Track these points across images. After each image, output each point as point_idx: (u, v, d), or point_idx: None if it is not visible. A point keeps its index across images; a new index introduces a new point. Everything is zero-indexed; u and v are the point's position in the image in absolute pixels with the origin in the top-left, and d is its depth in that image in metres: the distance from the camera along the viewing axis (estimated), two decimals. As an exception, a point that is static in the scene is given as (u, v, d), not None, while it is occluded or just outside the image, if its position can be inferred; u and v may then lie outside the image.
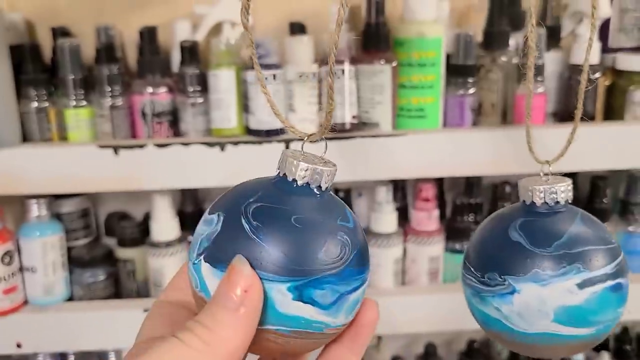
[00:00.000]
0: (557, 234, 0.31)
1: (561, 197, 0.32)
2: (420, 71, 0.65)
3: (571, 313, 0.30)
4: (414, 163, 0.65)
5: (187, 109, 0.65)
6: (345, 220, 0.26)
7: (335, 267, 0.25)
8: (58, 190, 0.63)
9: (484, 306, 0.32)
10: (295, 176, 0.26)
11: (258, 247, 0.24)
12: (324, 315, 0.25)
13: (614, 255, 0.31)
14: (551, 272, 0.30)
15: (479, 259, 0.33)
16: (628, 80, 0.68)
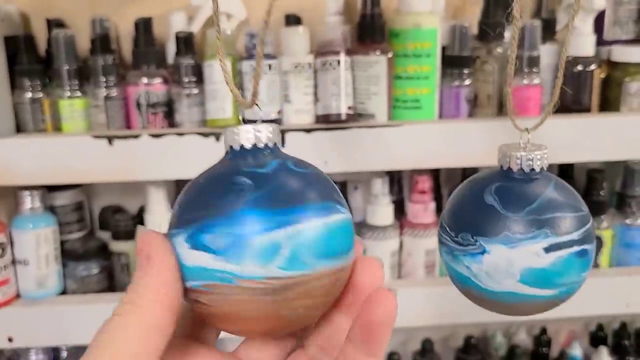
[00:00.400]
0: (529, 200, 0.32)
1: (537, 164, 0.33)
2: (415, 62, 0.65)
3: (536, 275, 0.31)
4: (410, 154, 0.65)
5: (182, 99, 0.65)
6: (260, 167, 0.25)
7: (225, 209, 0.23)
8: (52, 181, 0.63)
9: (456, 264, 0.33)
10: (230, 144, 0.26)
11: (173, 211, 0.25)
12: (224, 262, 0.23)
13: (583, 222, 0.32)
14: (520, 236, 0.31)
15: (454, 219, 0.34)
16: (623, 72, 0.69)
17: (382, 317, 0.24)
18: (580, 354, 0.82)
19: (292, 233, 0.23)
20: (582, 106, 0.69)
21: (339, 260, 0.24)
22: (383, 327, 0.24)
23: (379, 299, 0.24)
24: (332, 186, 0.26)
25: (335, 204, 0.25)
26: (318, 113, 0.65)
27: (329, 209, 0.24)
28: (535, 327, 0.85)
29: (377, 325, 0.24)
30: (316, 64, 0.65)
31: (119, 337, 0.22)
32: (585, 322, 0.87)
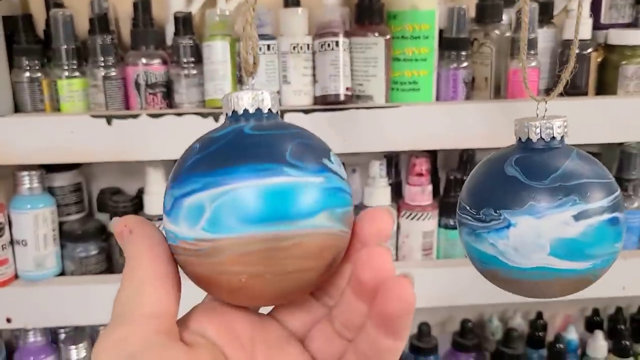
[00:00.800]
0: (553, 168, 0.31)
1: (557, 132, 0.32)
2: (413, 44, 0.65)
3: (567, 245, 0.29)
4: (407, 135, 0.65)
5: (181, 80, 0.65)
6: (216, 131, 0.25)
7: (176, 172, 0.24)
8: (50, 160, 0.63)
9: (480, 243, 0.32)
10: (236, 107, 0.26)
11: None
12: (169, 222, 0.24)
13: (611, 189, 0.31)
14: (547, 205, 0.30)
15: (475, 196, 0.32)
16: (620, 55, 0.69)
17: (398, 308, 0.22)
18: (576, 338, 0.82)
19: (216, 195, 0.22)
20: (578, 89, 0.70)
21: (277, 227, 0.22)
22: (400, 318, 0.23)
23: (394, 289, 0.22)
24: (285, 150, 0.23)
25: (283, 166, 0.23)
26: (316, 94, 0.66)
27: (270, 170, 0.23)
28: (531, 312, 0.85)
29: (394, 316, 0.22)
30: (315, 45, 0.65)
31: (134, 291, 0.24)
32: (581, 307, 0.87)
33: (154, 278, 0.24)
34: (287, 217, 0.22)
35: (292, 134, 0.25)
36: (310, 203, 0.23)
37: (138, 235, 0.25)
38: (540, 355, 0.81)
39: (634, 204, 0.73)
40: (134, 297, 0.24)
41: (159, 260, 0.25)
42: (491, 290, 0.71)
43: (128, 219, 0.26)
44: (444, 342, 0.83)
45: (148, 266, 0.24)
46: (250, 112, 0.25)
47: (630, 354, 0.79)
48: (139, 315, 0.24)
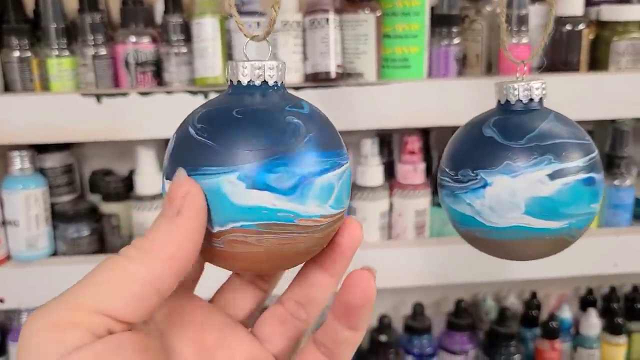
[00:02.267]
0: (530, 128, 0.31)
1: (535, 94, 0.32)
2: (404, 20, 0.65)
3: (542, 204, 0.29)
4: (399, 112, 0.65)
5: (170, 58, 0.65)
6: (298, 107, 0.25)
7: (285, 149, 0.23)
8: (40, 140, 0.63)
9: (457, 204, 0.32)
10: (238, 77, 0.25)
11: (204, 147, 0.23)
12: (287, 201, 0.23)
13: (587, 150, 0.31)
14: (522, 164, 0.30)
15: (454, 158, 0.33)
16: (612, 32, 0.69)
17: (360, 299, 0.24)
18: (570, 317, 0.82)
19: (340, 174, 0.24)
20: (570, 66, 0.69)
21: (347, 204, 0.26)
22: (361, 308, 0.24)
23: (357, 281, 0.24)
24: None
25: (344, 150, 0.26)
26: (307, 72, 0.65)
27: (347, 155, 0.26)
28: (525, 291, 0.85)
29: (355, 306, 0.24)
30: (305, 22, 0.65)
31: (116, 279, 0.21)
32: (575, 286, 0.87)
33: (148, 286, 0.21)
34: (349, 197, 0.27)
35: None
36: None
37: (179, 226, 0.22)
38: (534, 334, 0.82)
39: (626, 181, 0.73)
40: (104, 285, 0.21)
41: (171, 272, 0.22)
42: (485, 268, 0.72)
43: (190, 194, 0.22)
44: (438, 322, 0.83)
45: (152, 271, 0.21)
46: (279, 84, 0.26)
47: (623, 332, 0.80)
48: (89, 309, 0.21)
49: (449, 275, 0.72)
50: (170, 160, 0.25)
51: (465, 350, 0.80)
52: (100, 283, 0.21)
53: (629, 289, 0.85)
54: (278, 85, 0.26)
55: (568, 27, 0.68)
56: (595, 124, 0.76)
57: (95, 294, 0.21)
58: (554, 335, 0.79)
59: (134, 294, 0.21)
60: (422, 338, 0.80)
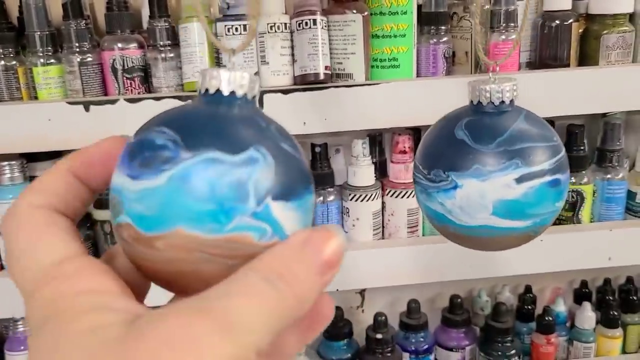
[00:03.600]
0: (499, 132, 0.32)
1: (506, 96, 0.33)
2: (392, 20, 0.64)
3: (509, 206, 0.31)
4: (389, 113, 0.65)
5: (158, 64, 0.64)
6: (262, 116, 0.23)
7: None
8: (28, 149, 0.63)
9: (430, 202, 0.33)
10: (205, 86, 0.23)
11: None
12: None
13: (554, 152, 0.32)
14: (491, 168, 0.31)
15: (426, 157, 0.34)
16: (601, 25, 0.68)
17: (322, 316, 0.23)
18: (565, 310, 0.83)
19: None
20: (560, 61, 0.69)
21: None
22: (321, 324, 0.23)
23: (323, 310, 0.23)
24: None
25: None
26: (295, 74, 0.65)
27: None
28: (520, 286, 0.86)
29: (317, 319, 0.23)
30: (292, 24, 0.64)
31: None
32: (570, 280, 0.88)
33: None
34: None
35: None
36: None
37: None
38: (529, 329, 0.82)
39: (618, 175, 0.73)
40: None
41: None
42: (479, 265, 0.72)
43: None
44: (434, 318, 0.83)
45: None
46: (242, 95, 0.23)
47: (619, 325, 0.80)
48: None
49: (444, 272, 0.72)
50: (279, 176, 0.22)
51: (461, 346, 0.80)
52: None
53: (623, 281, 0.85)
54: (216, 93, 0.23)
55: (557, 22, 0.68)
56: (586, 117, 0.75)
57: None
58: (549, 329, 0.79)
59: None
60: (418, 335, 0.80)
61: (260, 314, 0.18)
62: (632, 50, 0.69)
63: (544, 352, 0.80)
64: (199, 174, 0.20)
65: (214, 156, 0.20)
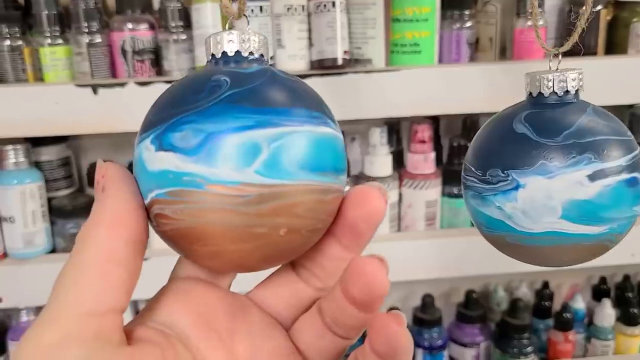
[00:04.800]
0: (566, 124, 0.28)
1: (571, 85, 0.30)
2: (414, 3, 0.62)
3: (581, 208, 0.27)
4: (408, 100, 0.62)
5: (169, 46, 0.62)
6: (244, 69, 0.22)
7: (198, 105, 0.20)
8: (34, 133, 0.60)
9: (486, 207, 0.29)
10: (213, 50, 0.23)
11: (146, 117, 0.22)
12: (192, 163, 0.20)
13: (630, 148, 0.28)
14: (559, 164, 0.27)
15: (481, 156, 0.30)
16: (631, 13, 0.66)
17: (362, 293, 0.21)
18: (583, 307, 0.80)
19: (275, 135, 0.20)
20: (587, 49, 0.66)
21: (326, 179, 0.21)
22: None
23: (361, 271, 0.21)
24: (322, 101, 0.23)
25: (325, 116, 0.22)
26: (312, 59, 0.62)
27: (319, 118, 0.21)
28: (537, 282, 0.83)
29: (357, 300, 0.21)
30: (310, 6, 0.62)
31: (77, 276, 0.20)
32: (588, 276, 0.85)
33: (101, 263, 0.20)
34: (334, 170, 0.21)
35: (308, 86, 0.23)
36: (343, 159, 0.22)
37: (106, 199, 0.21)
38: (546, 325, 0.80)
39: (644, 169, 0.70)
40: (73, 287, 0.20)
41: (116, 241, 0.20)
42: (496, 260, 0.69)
43: (108, 170, 0.22)
44: (448, 313, 0.81)
45: (98, 246, 0.20)
46: (256, 56, 0.23)
47: (638, 322, 0.78)
48: (77, 314, 0.19)
49: (460, 267, 0.70)
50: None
51: (476, 342, 0.78)
52: (66, 293, 0.20)
53: (643, 278, 0.83)
54: (255, 56, 0.23)
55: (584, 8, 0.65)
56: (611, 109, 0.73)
57: (71, 299, 0.20)
58: (567, 326, 0.77)
59: (95, 286, 0.20)
60: (432, 330, 0.78)
61: None
62: (662, 39, 0.66)
63: (562, 349, 0.78)
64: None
65: None
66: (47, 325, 0.19)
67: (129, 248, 0.21)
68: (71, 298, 0.20)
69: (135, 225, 0.21)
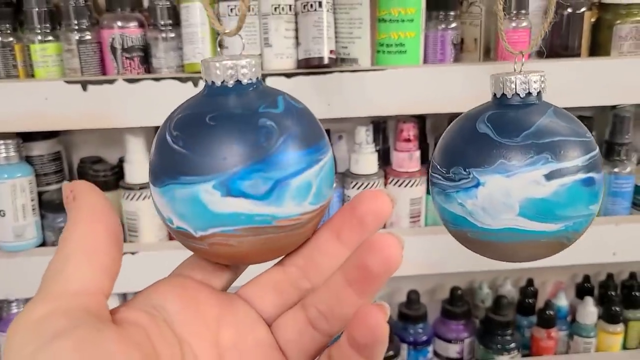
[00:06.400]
0: (526, 125, 0.29)
1: (534, 87, 0.30)
2: (400, 3, 0.63)
3: (538, 206, 0.28)
4: (394, 100, 0.63)
5: (158, 43, 0.62)
6: (273, 107, 0.24)
7: (258, 154, 0.23)
8: (24, 128, 0.61)
9: (449, 204, 0.30)
10: (212, 78, 0.25)
11: (180, 155, 0.23)
12: (264, 205, 0.23)
13: (588, 148, 0.29)
14: (517, 163, 0.28)
15: (446, 154, 0.31)
16: (614, 15, 0.66)
17: (380, 266, 0.22)
18: (566, 304, 0.82)
19: (318, 170, 0.24)
20: (571, 51, 0.67)
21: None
22: (379, 276, 0.22)
23: (381, 245, 0.22)
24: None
25: (325, 141, 0.26)
26: (299, 57, 0.63)
27: (328, 143, 0.26)
28: (521, 279, 0.85)
29: (373, 273, 0.22)
30: (297, 6, 0.62)
31: (63, 265, 0.22)
32: (572, 274, 0.86)
33: (85, 252, 0.22)
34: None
35: (302, 104, 0.27)
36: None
37: (80, 203, 0.23)
38: (530, 322, 0.81)
39: (626, 169, 0.71)
40: (60, 271, 0.22)
41: (95, 233, 0.22)
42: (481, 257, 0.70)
43: (75, 185, 0.24)
44: (434, 309, 0.82)
45: (80, 238, 0.22)
46: (254, 81, 0.25)
47: (620, 320, 0.79)
48: (65, 292, 0.21)
49: (445, 264, 0.71)
50: (151, 167, 0.25)
51: (461, 338, 0.79)
52: (53, 274, 0.22)
53: (626, 276, 0.84)
54: (253, 82, 0.25)
55: (569, 10, 0.66)
56: (595, 110, 0.74)
57: (58, 283, 0.21)
58: (550, 323, 0.78)
59: (82, 264, 0.22)
60: (417, 326, 0.79)
61: None
62: (645, 41, 0.67)
63: (544, 346, 0.79)
64: None
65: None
66: (39, 302, 0.21)
67: (109, 239, 0.23)
68: (59, 282, 0.21)
69: (111, 220, 0.23)
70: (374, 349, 0.22)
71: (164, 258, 0.66)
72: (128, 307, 0.23)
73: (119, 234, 0.23)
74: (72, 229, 0.23)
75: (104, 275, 0.22)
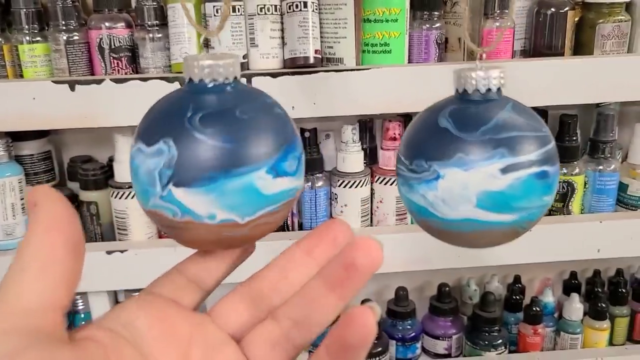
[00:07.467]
0: (484, 120, 0.30)
1: (493, 84, 0.31)
2: (384, 4, 0.63)
3: (494, 198, 0.30)
4: (379, 99, 0.64)
5: (146, 44, 0.63)
6: (269, 97, 0.28)
7: (288, 138, 0.27)
8: (13, 127, 0.62)
9: (412, 194, 0.32)
10: (202, 76, 0.26)
11: (222, 151, 0.25)
12: (295, 180, 0.27)
13: (542, 143, 0.30)
14: (475, 157, 0.29)
15: (409, 147, 0.32)
16: (597, 14, 0.67)
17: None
18: (553, 301, 0.82)
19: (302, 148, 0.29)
20: (555, 50, 0.68)
21: None
22: (364, 273, 0.23)
23: (364, 244, 0.23)
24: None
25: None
26: (285, 57, 0.64)
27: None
28: (509, 276, 0.85)
29: (359, 269, 0.23)
30: (282, 6, 0.63)
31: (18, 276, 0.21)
32: (560, 271, 0.87)
33: (40, 264, 0.21)
34: None
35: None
36: None
37: (39, 211, 0.22)
38: (517, 319, 0.82)
39: (610, 166, 0.72)
40: (13, 285, 0.21)
41: (52, 243, 0.22)
42: (468, 254, 0.71)
43: (36, 190, 0.23)
44: (422, 306, 0.83)
45: (36, 250, 0.21)
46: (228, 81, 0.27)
47: (606, 317, 0.80)
48: (17, 309, 0.20)
49: (432, 260, 0.72)
50: (181, 166, 0.25)
51: (449, 335, 0.80)
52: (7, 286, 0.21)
53: (612, 273, 0.85)
54: (235, 81, 0.27)
55: (552, 10, 0.67)
56: (579, 108, 0.75)
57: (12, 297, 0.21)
58: (536, 320, 0.79)
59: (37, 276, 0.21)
60: (406, 322, 0.80)
61: None
62: (627, 40, 0.68)
63: (531, 342, 0.80)
64: (133, 161, 0.26)
65: (139, 147, 0.25)
66: None
67: (67, 249, 0.22)
68: (12, 296, 0.21)
69: (70, 228, 0.22)
70: (360, 352, 0.22)
71: (154, 256, 0.67)
72: (92, 326, 0.23)
73: (79, 243, 0.23)
74: (28, 239, 0.22)
75: (60, 288, 0.21)
